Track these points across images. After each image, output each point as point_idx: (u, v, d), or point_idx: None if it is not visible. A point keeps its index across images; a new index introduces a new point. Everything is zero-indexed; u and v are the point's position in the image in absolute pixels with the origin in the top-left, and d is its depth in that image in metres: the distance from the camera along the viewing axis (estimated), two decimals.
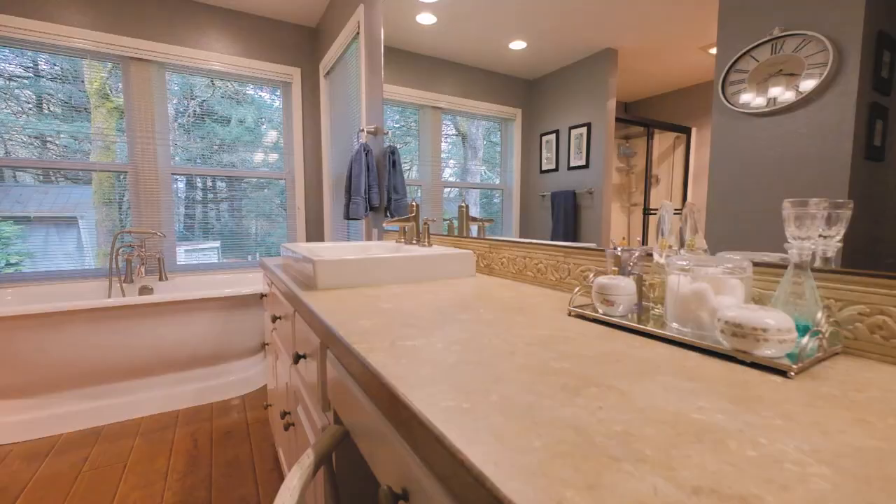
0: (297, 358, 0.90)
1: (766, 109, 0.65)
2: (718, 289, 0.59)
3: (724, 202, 0.70)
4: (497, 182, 1.37)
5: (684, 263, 0.62)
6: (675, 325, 0.63)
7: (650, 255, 0.76)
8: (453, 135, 1.65)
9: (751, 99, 0.66)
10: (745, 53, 0.66)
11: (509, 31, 1.19)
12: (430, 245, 1.37)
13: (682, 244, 0.73)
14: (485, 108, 1.36)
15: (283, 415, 1.16)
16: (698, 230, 0.73)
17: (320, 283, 0.99)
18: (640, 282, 0.74)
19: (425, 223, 1.38)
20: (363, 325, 0.68)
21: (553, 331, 0.65)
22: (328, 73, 2.96)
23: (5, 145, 2.43)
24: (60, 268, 2.54)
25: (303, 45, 3.09)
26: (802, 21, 0.61)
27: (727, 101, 0.69)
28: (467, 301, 0.87)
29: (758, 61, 0.65)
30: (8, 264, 2.44)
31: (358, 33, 2.28)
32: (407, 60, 1.78)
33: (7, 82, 2.41)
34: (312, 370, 0.86)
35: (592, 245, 0.96)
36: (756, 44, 0.65)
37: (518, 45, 1.18)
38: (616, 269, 0.72)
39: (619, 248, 0.78)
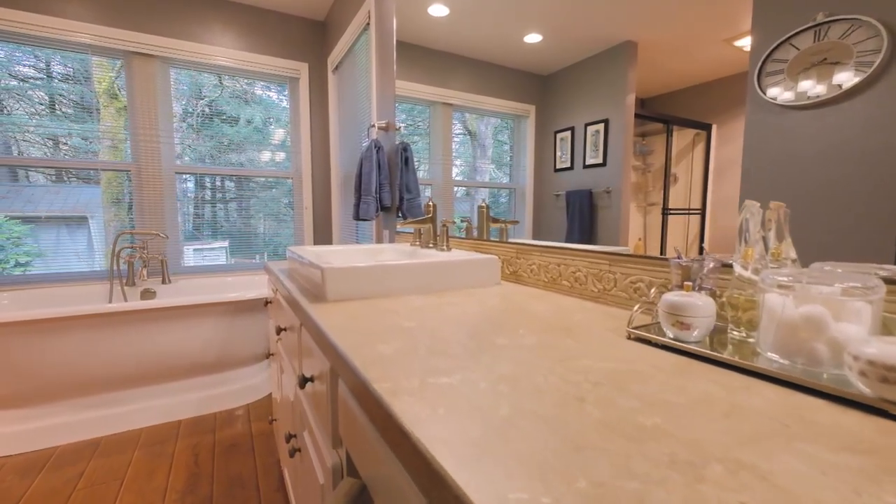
0: (304, 381, 0.78)
1: (808, 101, 0.58)
2: (836, 313, 0.46)
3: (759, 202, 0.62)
4: (506, 181, 1.32)
5: (786, 279, 0.50)
6: (772, 355, 0.50)
7: (726, 265, 0.63)
8: (461, 133, 1.57)
9: (790, 91, 0.60)
10: (783, 42, 0.60)
11: (524, 23, 1.12)
12: (448, 249, 1.25)
13: (765, 252, 0.60)
14: (498, 104, 1.29)
15: (289, 438, 1.05)
16: (786, 236, 0.60)
17: (330, 294, 0.87)
18: (713, 298, 0.61)
19: (444, 225, 1.26)
20: (382, 351, 0.56)
21: (617, 362, 0.53)
22: (336, 68, 2.85)
23: (18, 146, 2.39)
24: (69, 268, 2.48)
25: (310, 39, 2.99)
26: (850, 5, 0.55)
27: (763, 93, 0.62)
28: (499, 317, 0.75)
29: (798, 50, 0.59)
30: (18, 264, 2.38)
31: (368, 24, 2.17)
32: (417, 55, 1.70)
33: (20, 83, 2.38)
34: (321, 395, 0.74)
35: (624, 249, 0.84)
36: (796, 31, 0.59)
37: (533, 38, 1.11)
38: (689, 283, 0.59)
39: (682, 257, 0.66)
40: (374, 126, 2.00)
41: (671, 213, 0.79)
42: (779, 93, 0.61)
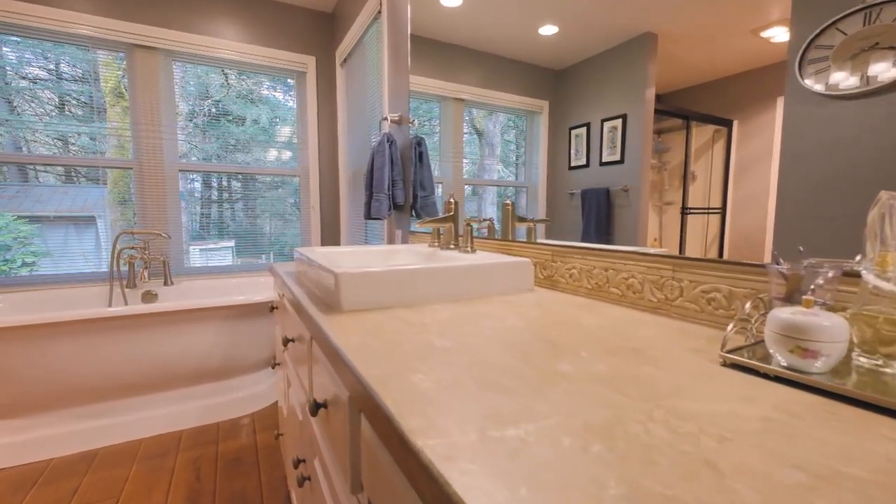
0: (316, 408, 0.67)
1: (858, 90, 0.53)
2: None
3: (799, 201, 0.58)
4: (511, 179, 1.31)
5: None
6: None
7: (849, 273, 0.51)
8: (467, 133, 1.53)
9: (837, 79, 0.55)
10: (829, 26, 0.55)
11: (541, 14, 1.07)
12: (473, 251, 1.13)
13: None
14: (510, 99, 1.24)
15: (297, 463, 0.93)
16: None
17: (345, 303, 0.76)
18: None
19: (467, 224, 1.14)
20: (418, 383, 0.44)
21: (729, 402, 0.40)
22: (345, 61, 2.74)
23: (28, 146, 2.38)
24: (76, 269, 2.42)
25: (318, 31, 2.88)
26: None
27: (804, 82, 0.57)
28: (548, 333, 0.62)
29: (845, 35, 0.54)
30: (24, 264, 2.32)
31: (380, 12, 2.06)
32: (428, 49, 1.63)
33: (31, 84, 2.36)
34: (337, 427, 0.63)
35: (652, 250, 0.71)
36: (843, 14, 0.53)
37: (549, 30, 1.06)
38: (809, 297, 0.46)
39: (781, 262, 0.53)
40: (386, 119, 1.88)
41: (690, 213, 0.75)
42: (823, 81, 0.55)
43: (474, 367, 0.49)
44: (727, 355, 0.50)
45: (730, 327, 0.51)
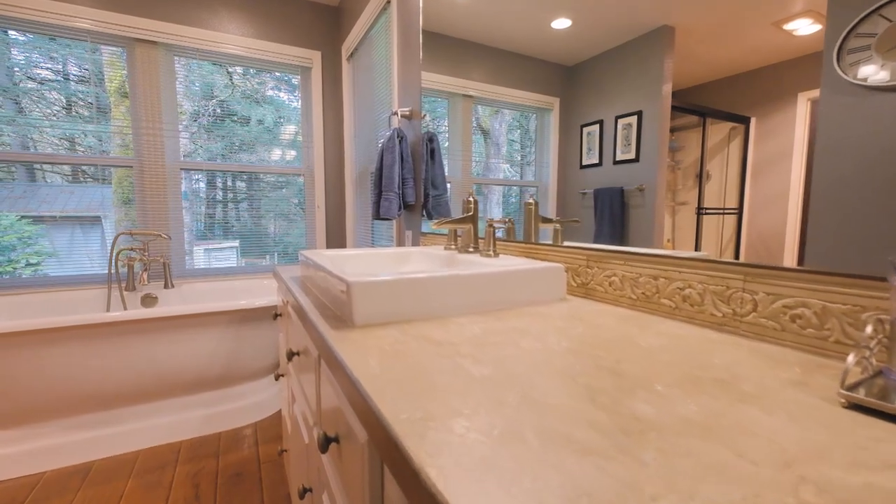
0: (326, 444, 0.56)
1: None
2: None
3: (836, 201, 0.53)
4: (516, 179, 1.30)
5: None
6: None
7: None
8: (473, 132, 1.49)
9: (879, 70, 0.50)
10: (871, 12, 0.51)
11: (553, 6, 1.03)
12: (496, 255, 1.03)
13: None
14: (519, 96, 1.20)
15: (303, 493, 0.84)
16: None
17: (358, 317, 0.66)
18: None
19: (489, 225, 1.04)
20: (463, 433, 0.34)
21: (886, 471, 0.30)
22: (351, 56, 2.65)
23: (35, 146, 2.34)
24: (81, 269, 2.36)
25: (323, 26, 2.79)
26: None
27: (843, 73, 0.53)
28: (603, 356, 0.52)
29: (890, 21, 0.50)
30: (28, 264, 2.25)
31: (388, 2, 1.96)
32: (436, 44, 1.56)
33: (39, 86, 2.33)
34: (352, 467, 0.52)
35: (714, 256, 0.61)
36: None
37: (562, 23, 1.03)
38: None
39: None
40: (395, 114, 1.78)
41: (706, 213, 0.72)
42: (865, 72, 0.51)
43: (528, 407, 0.38)
44: (850, 394, 0.39)
45: (851, 357, 0.40)
